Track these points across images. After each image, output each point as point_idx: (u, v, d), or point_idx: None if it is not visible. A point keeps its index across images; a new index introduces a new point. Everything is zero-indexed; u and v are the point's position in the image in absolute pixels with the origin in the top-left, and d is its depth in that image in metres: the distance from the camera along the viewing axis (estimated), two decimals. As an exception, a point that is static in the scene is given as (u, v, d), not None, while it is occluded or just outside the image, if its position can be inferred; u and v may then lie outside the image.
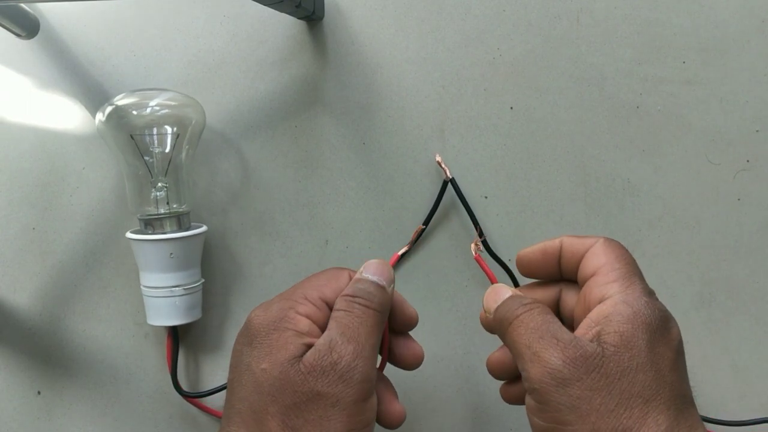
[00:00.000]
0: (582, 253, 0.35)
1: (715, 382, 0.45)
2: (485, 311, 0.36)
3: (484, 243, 0.45)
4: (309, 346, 0.33)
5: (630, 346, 0.30)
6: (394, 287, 0.37)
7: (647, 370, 0.29)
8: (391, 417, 0.37)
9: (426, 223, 0.46)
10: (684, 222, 0.45)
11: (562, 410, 0.29)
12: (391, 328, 0.38)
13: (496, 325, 0.35)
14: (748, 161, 0.45)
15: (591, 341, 0.30)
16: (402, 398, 0.47)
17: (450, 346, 0.47)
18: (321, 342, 0.33)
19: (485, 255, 0.45)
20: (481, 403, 0.47)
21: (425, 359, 0.47)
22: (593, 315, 0.32)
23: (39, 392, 0.49)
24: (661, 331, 0.31)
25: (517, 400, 0.38)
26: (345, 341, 0.33)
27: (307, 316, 0.35)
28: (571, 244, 0.35)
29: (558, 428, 0.30)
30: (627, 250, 0.34)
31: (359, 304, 0.34)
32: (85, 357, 0.49)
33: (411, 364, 0.39)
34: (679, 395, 0.30)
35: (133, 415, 0.49)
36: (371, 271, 0.36)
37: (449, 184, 0.45)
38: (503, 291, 0.36)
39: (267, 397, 0.32)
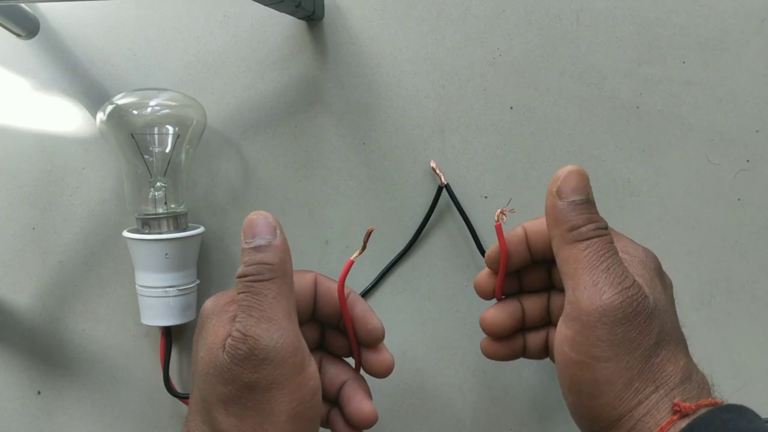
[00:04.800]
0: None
1: (715, 382, 0.45)
2: (557, 192, 0.32)
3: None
4: None
5: (655, 287, 0.30)
6: (280, 231, 0.33)
7: (669, 311, 0.30)
8: (360, 417, 0.35)
9: (422, 226, 0.45)
10: (684, 222, 0.44)
11: (602, 346, 0.29)
12: (358, 340, 0.36)
13: (560, 219, 0.31)
14: (748, 161, 0.44)
15: None
16: (401, 399, 0.47)
17: (450, 346, 0.46)
18: (234, 331, 0.31)
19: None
20: (481, 403, 0.46)
21: (426, 359, 0.47)
22: None
23: (39, 392, 0.49)
24: (660, 276, 0.32)
25: (498, 354, 0.37)
26: (254, 323, 0.30)
27: None
28: (534, 225, 0.35)
29: (590, 363, 0.29)
30: None
31: (252, 281, 0.31)
32: (85, 357, 0.48)
33: (379, 373, 0.37)
34: (683, 337, 0.32)
35: (133, 414, 0.48)
36: (249, 233, 0.32)
37: (444, 189, 0.45)
38: (584, 185, 0.32)
39: (209, 386, 0.31)
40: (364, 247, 0.36)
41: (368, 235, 0.35)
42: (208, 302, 0.34)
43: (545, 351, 0.38)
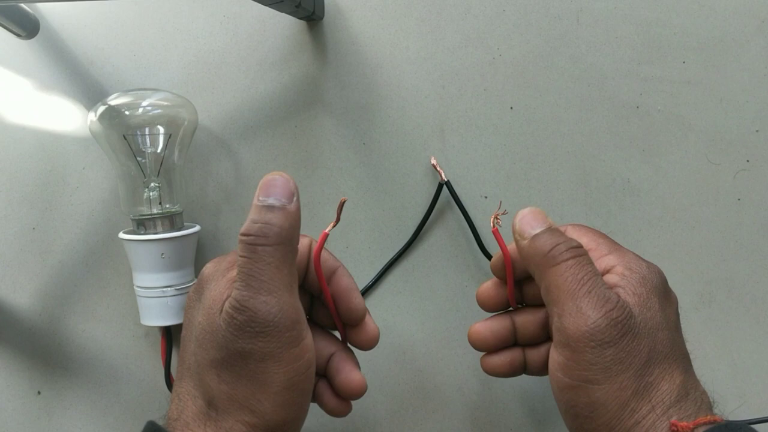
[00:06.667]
0: None
1: (715, 382, 0.44)
2: (518, 234, 0.33)
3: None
4: None
5: (648, 306, 0.30)
6: (297, 198, 0.31)
7: (663, 329, 0.30)
8: (350, 387, 0.35)
9: (422, 224, 0.45)
10: (684, 222, 0.44)
11: (594, 370, 0.29)
12: (340, 316, 0.36)
13: (532, 253, 0.32)
14: (748, 161, 0.44)
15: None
16: (401, 398, 0.46)
17: (450, 346, 0.46)
18: (231, 299, 0.29)
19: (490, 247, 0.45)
20: (481, 403, 0.46)
21: (426, 359, 0.46)
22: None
23: (39, 392, 0.48)
24: (664, 293, 0.31)
25: (498, 371, 0.37)
26: (253, 293, 0.29)
27: None
28: None
29: (584, 386, 0.29)
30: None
31: (256, 244, 0.29)
32: (85, 357, 0.47)
33: (363, 346, 0.36)
34: (684, 354, 0.31)
35: (133, 414, 0.47)
36: (265, 191, 0.30)
37: (444, 186, 0.44)
38: (541, 218, 0.33)
39: (204, 351, 0.30)
40: (337, 219, 0.35)
41: (341, 206, 0.34)
42: (208, 266, 0.33)
43: (546, 368, 0.37)
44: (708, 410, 0.29)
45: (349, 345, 0.37)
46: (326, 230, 0.34)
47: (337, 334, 0.37)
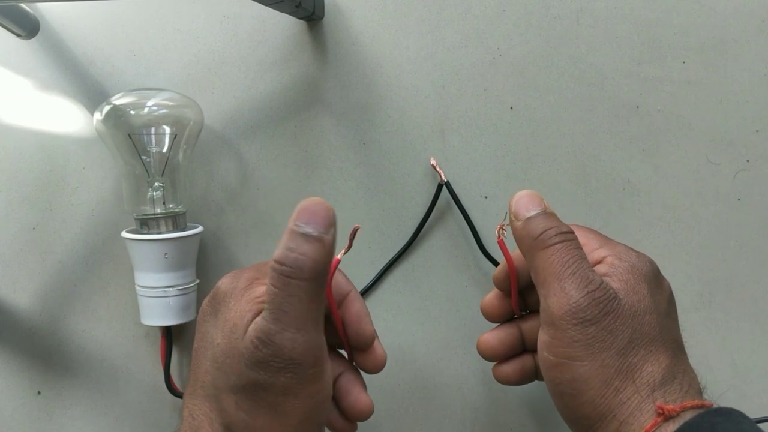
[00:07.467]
0: None
1: (715, 382, 0.44)
2: (514, 216, 0.33)
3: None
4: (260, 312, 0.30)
5: (635, 291, 0.31)
6: (334, 229, 0.30)
7: (651, 312, 0.30)
8: (358, 410, 0.34)
9: (422, 225, 0.45)
10: (684, 222, 0.44)
11: (576, 347, 0.30)
12: (349, 340, 0.35)
13: (524, 235, 0.33)
14: (748, 161, 0.44)
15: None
16: (401, 398, 0.46)
17: (450, 346, 0.46)
18: (258, 331, 0.29)
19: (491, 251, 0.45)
20: (481, 403, 0.46)
21: (426, 359, 0.46)
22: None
23: (39, 392, 0.48)
24: (655, 281, 0.32)
25: (510, 379, 0.37)
26: (281, 328, 0.28)
27: None
28: None
29: (567, 363, 0.30)
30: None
31: (290, 277, 0.28)
32: (85, 357, 0.47)
33: (370, 371, 0.36)
34: (674, 340, 0.31)
35: (133, 414, 0.47)
36: (304, 217, 0.29)
37: (444, 187, 0.44)
38: (537, 201, 0.33)
39: (223, 375, 0.30)
40: (349, 246, 0.34)
41: (354, 233, 0.33)
42: (223, 281, 0.32)
43: None
44: (696, 395, 0.30)
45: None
46: (338, 256, 0.33)
47: (344, 352, 0.37)
